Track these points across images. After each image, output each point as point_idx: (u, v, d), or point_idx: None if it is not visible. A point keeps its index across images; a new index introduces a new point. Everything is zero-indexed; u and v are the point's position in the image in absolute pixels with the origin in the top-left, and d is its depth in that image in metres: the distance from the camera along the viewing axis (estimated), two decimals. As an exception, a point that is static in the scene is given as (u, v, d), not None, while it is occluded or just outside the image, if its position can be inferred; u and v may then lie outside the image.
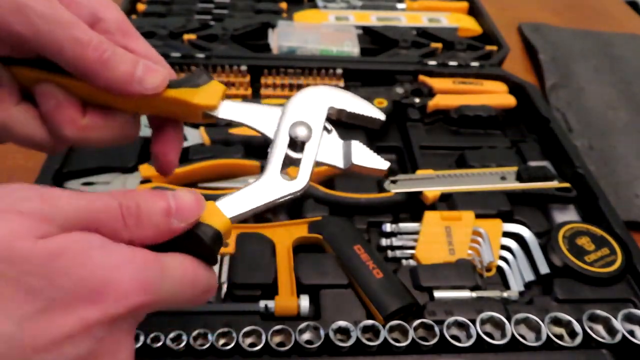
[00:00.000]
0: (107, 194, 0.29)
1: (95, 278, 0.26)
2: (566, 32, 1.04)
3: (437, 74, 0.81)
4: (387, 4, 1.02)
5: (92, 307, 0.26)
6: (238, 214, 0.33)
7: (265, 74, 0.78)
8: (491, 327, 0.49)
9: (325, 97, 0.39)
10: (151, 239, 0.30)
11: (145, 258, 0.28)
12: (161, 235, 0.30)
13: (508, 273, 0.56)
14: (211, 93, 0.37)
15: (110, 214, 0.28)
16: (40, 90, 0.35)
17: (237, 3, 0.97)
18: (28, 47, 0.32)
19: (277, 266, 0.52)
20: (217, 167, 0.62)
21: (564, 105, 0.84)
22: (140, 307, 0.27)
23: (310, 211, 0.58)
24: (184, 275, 0.30)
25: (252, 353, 0.45)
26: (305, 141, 0.37)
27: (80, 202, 0.28)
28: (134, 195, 0.29)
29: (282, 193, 0.35)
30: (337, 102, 0.39)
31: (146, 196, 0.30)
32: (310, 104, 0.38)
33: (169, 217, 0.30)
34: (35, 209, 0.26)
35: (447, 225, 0.58)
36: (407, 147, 0.72)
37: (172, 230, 0.30)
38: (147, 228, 0.29)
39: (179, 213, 0.30)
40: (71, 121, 0.35)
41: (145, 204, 0.29)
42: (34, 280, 0.25)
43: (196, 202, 0.31)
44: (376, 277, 0.50)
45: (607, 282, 0.53)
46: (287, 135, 0.37)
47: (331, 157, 0.38)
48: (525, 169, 0.65)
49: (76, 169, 0.61)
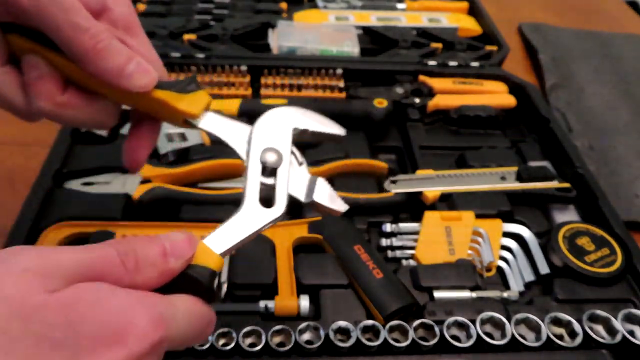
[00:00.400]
0: (103, 244, 0.30)
1: (115, 320, 0.26)
2: (566, 32, 1.04)
3: (437, 74, 0.81)
4: (387, 4, 1.02)
5: (117, 349, 0.26)
6: (226, 249, 0.34)
7: (265, 74, 0.78)
8: (491, 327, 0.49)
9: (288, 119, 0.40)
10: (152, 281, 0.30)
11: (155, 297, 0.29)
12: (161, 277, 0.30)
13: (508, 273, 0.56)
14: (196, 102, 0.38)
15: (111, 261, 0.29)
16: (27, 60, 0.36)
17: (237, 3, 0.97)
18: (29, 20, 0.33)
19: (277, 266, 0.52)
20: (217, 167, 0.62)
21: (564, 105, 0.84)
22: (160, 342, 0.28)
23: (310, 211, 0.58)
24: (191, 311, 0.31)
25: (252, 353, 0.45)
26: (276, 167, 0.38)
27: (80, 255, 0.28)
28: (129, 242, 0.30)
29: (264, 222, 0.35)
30: (299, 123, 0.40)
31: (142, 241, 0.31)
32: (276, 127, 0.39)
33: (165, 257, 0.30)
34: (38, 267, 0.26)
35: (447, 225, 0.58)
36: (407, 147, 0.72)
37: (170, 270, 0.31)
38: (147, 270, 0.30)
39: (174, 252, 0.31)
40: (48, 95, 0.36)
41: (142, 249, 0.30)
42: (56, 332, 0.25)
43: (188, 239, 0.32)
44: (376, 277, 0.50)
45: (607, 282, 0.53)
46: (258, 162, 0.37)
47: (296, 189, 0.38)
48: (525, 169, 0.65)
49: (76, 169, 0.61)
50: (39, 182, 0.58)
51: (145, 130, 0.41)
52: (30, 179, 0.58)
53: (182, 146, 0.65)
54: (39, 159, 0.61)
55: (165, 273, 0.31)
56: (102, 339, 0.26)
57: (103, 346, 0.26)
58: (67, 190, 0.58)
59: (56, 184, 0.59)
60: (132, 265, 0.29)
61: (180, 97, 0.37)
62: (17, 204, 0.55)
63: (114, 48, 0.34)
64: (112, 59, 0.34)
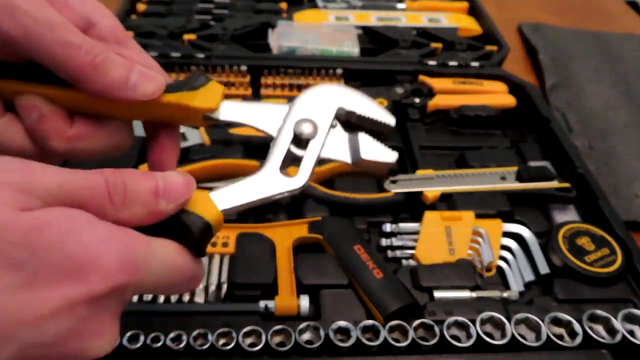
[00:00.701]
0: (94, 171, 0.28)
1: (81, 255, 0.25)
2: (566, 32, 1.04)
3: (437, 74, 0.81)
4: (387, 4, 1.02)
5: (76, 285, 0.25)
6: (231, 207, 0.32)
7: (265, 74, 0.78)
8: (491, 327, 0.49)
9: (336, 97, 0.38)
10: (138, 219, 0.29)
11: (133, 238, 0.28)
12: (148, 217, 0.29)
13: (508, 273, 0.56)
14: (210, 95, 0.35)
15: (97, 191, 0.27)
16: (22, 102, 0.33)
17: (237, 3, 0.97)
18: (17, 49, 0.31)
19: (277, 266, 0.52)
20: (217, 167, 0.62)
21: (564, 105, 0.84)
22: (124, 286, 0.27)
23: (310, 211, 0.59)
24: (171, 260, 0.29)
25: (252, 353, 0.45)
26: (310, 138, 0.36)
27: (66, 176, 0.27)
28: (121, 174, 0.29)
29: (279, 189, 0.34)
30: (348, 103, 0.38)
31: (134, 175, 0.29)
32: (319, 102, 0.37)
33: (156, 197, 0.29)
34: (18, 181, 0.25)
35: (447, 225, 0.58)
36: (407, 147, 0.72)
37: (159, 212, 0.29)
38: (134, 207, 0.28)
39: (167, 193, 0.29)
40: (57, 132, 0.34)
41: (132, 183, 0.28)
42: (17, 252, 0.24)
43: (185, 183, 0.30)
44: (376, 277, 0.50)
45: (607, 282, 0.53)
46: (291, 132, 0.36)
47: (337, 152, 0.36)
48: (525, 169, 0.65)
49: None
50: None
51: (165, 139, 0.38)
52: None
53: (182, 146, 0.65)
54: (39, 159, 0.61)
55: (154, 214, 0.29)
56: (62, 270, 0.25)
57: (62, 279, 0.25)
58: (67, 190, 0.58)
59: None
60: (119, 199, 0.28)
61: (194, 95, 0.35)
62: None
63: (112, 60, 0.32)
64: (113, 71, 0.32)
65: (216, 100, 0.36)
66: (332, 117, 0.37)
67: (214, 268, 0.52)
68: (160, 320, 0.47)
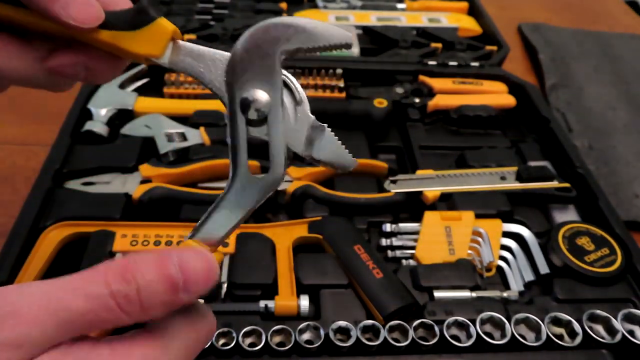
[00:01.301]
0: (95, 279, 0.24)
1: None
2: (566, 32, 1.04)
3: (437, 74, 0.81)
4: (387, 4, 1.02)
5: None
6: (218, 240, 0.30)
7: (265, 74, 0.78)
8: (491, 327, 0.49)
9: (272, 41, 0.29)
10: (157, 316, 0.26)
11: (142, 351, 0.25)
12: (168, 310, 0.26)
13: (508, 273, 0.56)
14: (155, 37, 0.30)
15: (102, 312, 0.24)
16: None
17: (237, 3, 0.97)
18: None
19: (277, 266, 0.52)
20: (217, 167, 0.62)
21: (564, 105, 0.84)
22: None
23: (310, 211, 0.58)
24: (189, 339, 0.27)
25: (252, 353, 0.45)
26: (267, 113, 0.30)
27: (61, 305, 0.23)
28: (131, 277, 0.24)
29: (258, 197, 0.30)
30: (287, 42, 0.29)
31: (145, 274, 0.25)
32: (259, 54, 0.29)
33: (176, 293, 0.25)
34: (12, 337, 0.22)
35: (447, 225, 0.58)
36: (407, 147, 0.72)
37: (180, 304, 0.26)
38: (152, 311, 0.25)
39: (187, 288, 0.26)
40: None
41: (146, 287, 0.25)
42: None
43: (207, 270, 0.26)
44: (376, 277, 0.50)
45: (607, 282, 0.53)
46: (242, 117, 0.30)
47: (292, 137, 0.31)
48: (525, 169, 0.65)
49: (76, 168, 0.61)
50: (39, 182, 0.58)
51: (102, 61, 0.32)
52: (30, 179, 0.58)
53: (181, 146, 0.65)
54: (39, 159, 0.61)
55: (174, 307, 0.26)
56: None
57: None
58: (67, 190, 0.58)
59: (56, 184, 0.59)
60: (134, 308, 0.24)
61: (133, 36, 0.29)
62: (17, 204, 0.55)
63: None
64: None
65: (160, 45, 0.30)
66: (279, 70, 0.30)
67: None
68: (160, 320, 0.47)
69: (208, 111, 0.70)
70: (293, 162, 0.63)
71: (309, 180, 0.62)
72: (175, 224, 0.55)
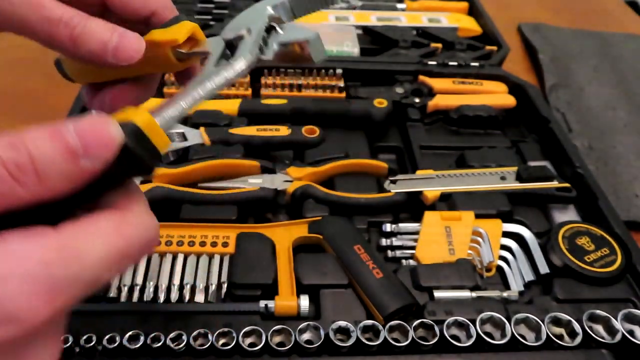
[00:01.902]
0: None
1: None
2: (566, 32, 1.04)
3: (437, 74, 0.81)
4: (387, 4, 1.02)
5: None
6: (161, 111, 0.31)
7: (265, 74, 0.78)
8: (491, 327, 0.49)
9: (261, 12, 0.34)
10: (62, 190, 0.24)
11: (43, 255, 0.22)
12: (73, 183, 0.24)
13: (508, 273, 0.56)
14: (178, 30, 0.35)
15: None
16: None
17: (237, 3, 0.97)
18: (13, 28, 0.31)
19: (277, 266, 0.52)
20: (217, 167, 0.62)
21: (564, 105, 0.84)
22: (51, 317, 0.22)
23: (310, 211, 0.58)
24: (109, 249, 0.24)
25: (252, 353, 0.45)
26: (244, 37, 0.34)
27: None
28: (21, 144, 0.23)
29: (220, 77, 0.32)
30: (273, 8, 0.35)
31: (37, 140, 0.23)
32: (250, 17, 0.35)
33: (75, 160, 0.23)
34: None
35: (447, 225, 0.58)
36: (407, 147, 0.72)
37: (85, 173, 0.24)
38: (50, 180, 0.23)
39: (88, 153, 0.24)
40: None
41: (39, 152, 0.23)
42: None
43: (108, 132, 0.25)
44: (376, 277, 0.50)
45: (607, 282, 0.53)
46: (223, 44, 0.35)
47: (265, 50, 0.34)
48: (525, 169, 0.65)
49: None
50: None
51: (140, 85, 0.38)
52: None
53: (182, 146, 0.65)
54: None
55: (79, 178, 0.24)
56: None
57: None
58: (67, 190, 0.58)
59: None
60: (29, 178, 0.22)
61: (163, 30, 0.35)
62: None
63: (89, 30, 0.32)
64: (91, 41, 0.32)
65: (181, 33, 0.35)
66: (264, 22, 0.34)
67: (214, 268, 0.52)
68: (160, 320, 0.47)
69: (208, 111, 0.70)
70: (293, 162, 0.63)
71: (309, 180, 0.62)
72: (175, 224, 0.55)
